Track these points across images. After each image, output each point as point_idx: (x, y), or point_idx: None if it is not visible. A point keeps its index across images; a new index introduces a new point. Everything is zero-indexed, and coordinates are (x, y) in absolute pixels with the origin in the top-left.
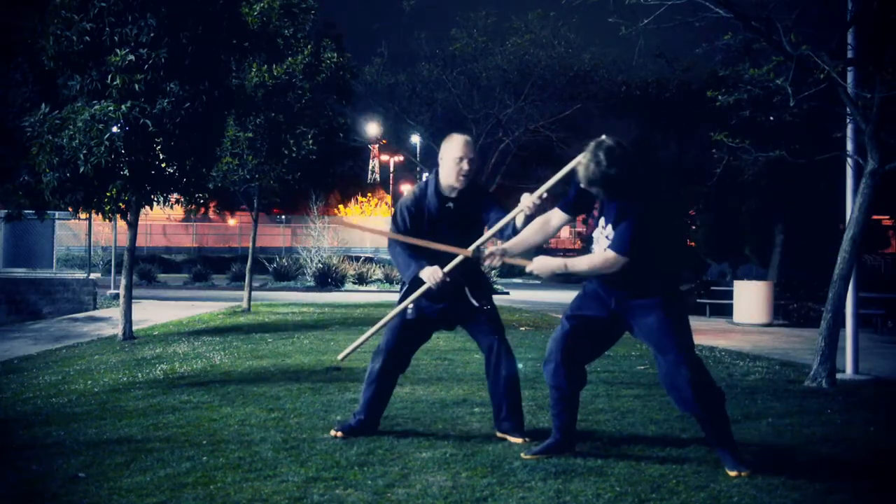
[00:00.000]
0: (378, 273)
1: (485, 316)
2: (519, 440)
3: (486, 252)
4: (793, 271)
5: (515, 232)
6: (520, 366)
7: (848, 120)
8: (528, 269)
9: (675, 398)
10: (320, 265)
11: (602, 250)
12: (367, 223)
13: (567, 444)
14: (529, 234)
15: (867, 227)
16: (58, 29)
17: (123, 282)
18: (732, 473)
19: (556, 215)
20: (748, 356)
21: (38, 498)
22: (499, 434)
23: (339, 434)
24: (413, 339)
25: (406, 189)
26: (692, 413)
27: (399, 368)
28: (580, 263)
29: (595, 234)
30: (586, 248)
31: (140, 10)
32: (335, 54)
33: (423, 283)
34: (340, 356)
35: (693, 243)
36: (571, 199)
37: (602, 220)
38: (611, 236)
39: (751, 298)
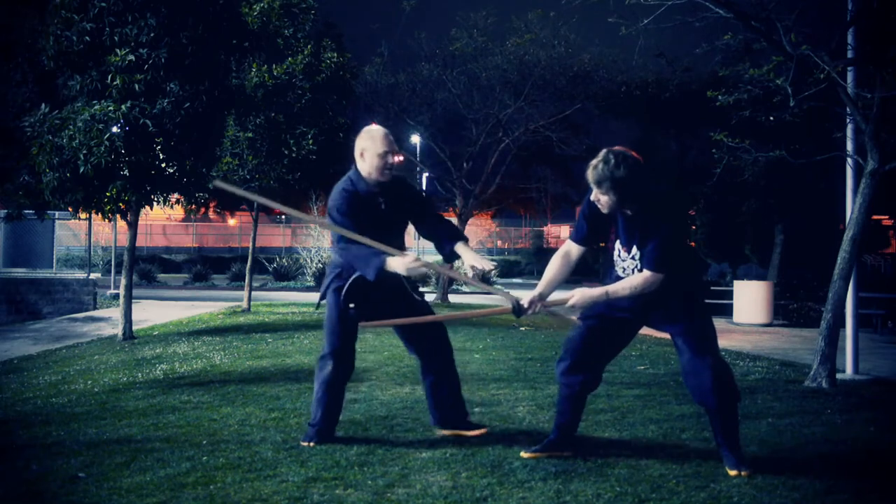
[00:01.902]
0: None
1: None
2: (472, 432)
3: (527, 304)
4: (793, 271)
5: (447, 250)
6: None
7: (848, 120)
8: (569, 305)
9: (693, 387)
10: (320, 265)
11: (634, 272)
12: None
13: (565, 444)
14: (557, 273)
15: (867, 227)
16: (58, 29)
17: (123, 282)
18: (732, 473)
19: (574, 248)
20: (748, 356)
21: (38, 498)
22: (444, 432)
23: (312, 444)
24: (353, 336)
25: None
26: (706, 404)
27: (350, 369)
28: (621, 289)
29: (615, 258)
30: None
31: (140, 10)
32: (335, 54)
33: (360, 280)
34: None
35: (693, 243)
36: (584, 230)
37: (618, 244)
38: (637, 257)
39: (751, 298)
